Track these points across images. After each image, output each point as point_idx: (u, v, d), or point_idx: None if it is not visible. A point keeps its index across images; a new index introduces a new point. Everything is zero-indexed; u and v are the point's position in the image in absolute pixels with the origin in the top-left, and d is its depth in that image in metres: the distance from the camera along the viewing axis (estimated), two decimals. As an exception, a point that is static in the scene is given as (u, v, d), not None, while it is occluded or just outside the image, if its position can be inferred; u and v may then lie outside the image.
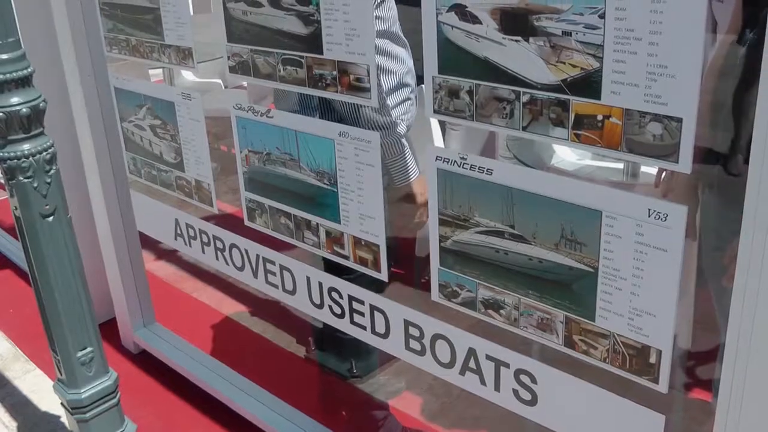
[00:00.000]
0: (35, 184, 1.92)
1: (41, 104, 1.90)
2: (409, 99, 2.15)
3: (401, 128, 2.07)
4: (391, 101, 2.06)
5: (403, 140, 2.08)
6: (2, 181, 2.05)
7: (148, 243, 2.97)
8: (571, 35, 1.29)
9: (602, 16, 1.25)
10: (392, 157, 2.07)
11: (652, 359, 1.40)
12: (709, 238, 1.95)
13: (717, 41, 2.11)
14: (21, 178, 1.90)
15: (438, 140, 2.86)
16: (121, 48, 2.39)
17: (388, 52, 2.07)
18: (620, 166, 2.81)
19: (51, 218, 1.97)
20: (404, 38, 2.14)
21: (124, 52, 2.39)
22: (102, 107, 2.63)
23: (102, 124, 2.66)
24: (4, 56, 1.83)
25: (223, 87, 4.69)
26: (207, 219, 2.43)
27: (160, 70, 4.81)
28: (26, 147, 1.89)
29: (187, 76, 4.77)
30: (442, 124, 2.94)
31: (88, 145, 2.70)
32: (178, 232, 2.52)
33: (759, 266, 1.21)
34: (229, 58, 1.95)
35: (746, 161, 1.20)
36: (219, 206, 2.36)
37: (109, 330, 3.07)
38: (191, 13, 2.02)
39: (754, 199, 1.18)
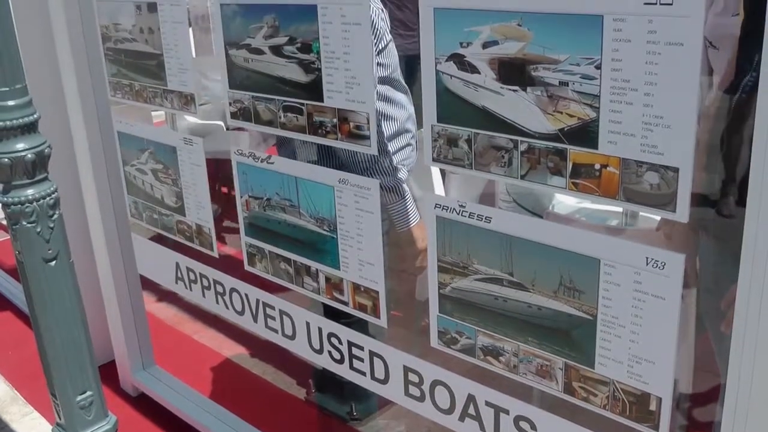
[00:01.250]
0: (38, 229, 1.93)
1: (46, 150, 1.92)
2: (409, 144, 2.17)
3: (402, 174, 2.08)
4: (391, 147, 2.08)
5: (404, 185, 2.09)
6: (3, 222, 2.06)
7: (150, 283, 2.98)
8: (567, 85, 1.31)
9: (598, 67, 1.27)
10: (393, 202, 2.08)
11: (652, 406, 1.40)
12: (707, 282, 1.95)
13: (714, 87, 2.14)
14: (24, 222, 1.91)
15: (438, 186, 2.88)
16: (124, 93, 2.42)
17: (389, 98, 2.09)
18: (619, 208, 2.83)
19: (53, 263, 1.98)
20: (405, 84, 2.16)
21: (127, 97, 2.41)
22: (105, 151, 2.65)
23: (105, 167, 2.68)
24: (11, 103, 1.85)
25: (224, 129, 4.73)
26: (208, 262, 2.44)
27: (163, 111, 4.85)
28: (30, 192, 1.90)
29: (189, 118, 4.81)
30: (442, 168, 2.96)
31: (90, 188, 2.72)
32: (179, 275, 2.52)
33: (757, 313, 1.21)
34: (230, 104, 1.97)
35: (738, 203, 1.21)
36: (219, 248, 2.37)
37: (108, 372, 3.06)
38: (193, 55, 2.05)
39: (752, 247, 1.19)
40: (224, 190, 4.26)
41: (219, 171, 3.44)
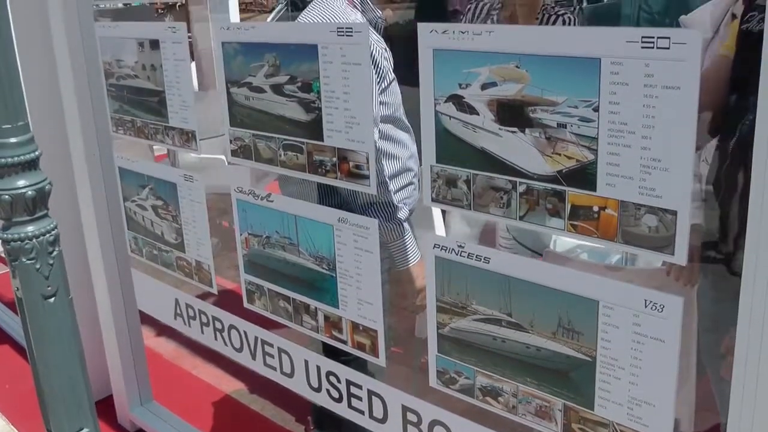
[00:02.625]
0: (38, 266, 1.92)
1: (47, 187, 1.92)
2: (411, 183, 2.17)
3: (403, 213, 2.09)
4: (393, 185, 2.09)
5: (405, 224, 2.09)
6: (2, 254, 2.06)
7: (149, 317, 2.97)
8: (566, 127, 1.32)
9: (596, 110, 1.27)
10: (393, 240, 2.08)
11: (652, 450, 1.38)
12: (706, 323, 1.95)
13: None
14: (24, 259, 1.91)
15: (438, 223, 2.88)
16: (126, 129, 2.43)
17: (392, 137, 2.10)
18: (621, 246, 2.81)
19: (52, 299, 1.97)
20: (407, 123, 2.17)
21: (129, 133, 2.43)
22: (106, 187, 2.66)
23: (105, 203, 2.68)
24: (13, 140, 1.85)
25: (226, 163, 4.74)
26: (207, 296, 2.44)
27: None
28: (30, 229, 1.90)
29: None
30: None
31: (91, 224, 2.72)
32: (178, 311, 2.52)
33: (756, 361, 1.21)
34: (231, 141, 1.98)
35: (735, 245, 1.21)
36: (219, 282, 2.36)
37: (105, 407, 3.04)
38: (196, 89, 2.07)
39: (749, 297, 1.19)
40: (225, 224, 4.27)
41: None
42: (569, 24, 2.81)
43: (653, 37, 1.19)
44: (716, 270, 1.89)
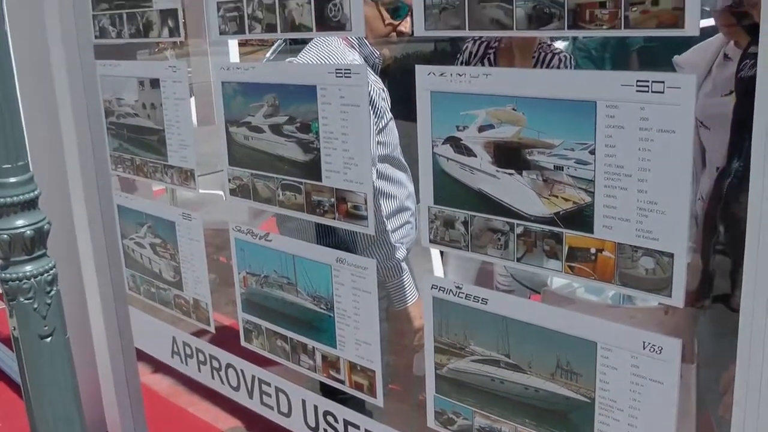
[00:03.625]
0: (35, 305, 1.92)
1: (45, 226, 1.92)
2: (409, 222, 2.18)
3: (400, 253, 2.09)
4: (390, 225, 2.10)
5: (403, 264, 2.10)
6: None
7: (146, 353, 2.95)
8: (562, 170, 1.33)
9: (593, 152, 1.28)
10: (391, 279, 2.08)
11: (652, 492, 1.38)
12: (706, 361, 1.95)
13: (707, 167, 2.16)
14: (21, 299, 1.91)
15: (437, 261, 2.89)
16: (125, 167, 2.44)
17: (389, 177, 2.11)
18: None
19: (49, 339, 1.97)
20: (404, 162, 2.18)
21: (128, 171, 2.44)
22: (104, 225, 2.66)
23: (104, 241, 2.68)
24: (13, 179, 1.86)
25: (224, 198, 4.74)
26: (205, 333, 2.43)
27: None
28: (28, 268, 1.90)
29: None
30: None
31: (89, 262, 2.72)
32: (175, 349, 2.51)
33: (756, 402, 1.21)
34: (230, 180, 1.99)
35: (732, 286, 1.22)
36: (217, 318, 2.36)
37: (100, 446, 3.02)
38: (195, 124, 2.08)
39: (747, 338, 1.19)
40: (223, 259, 4.26)
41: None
42: (565, 62, 2.84)
43: (648, 81, 1.21)
44: (715, 306, 1.89)
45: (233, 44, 5.70)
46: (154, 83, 2.22)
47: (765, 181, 1.12)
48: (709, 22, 2.10)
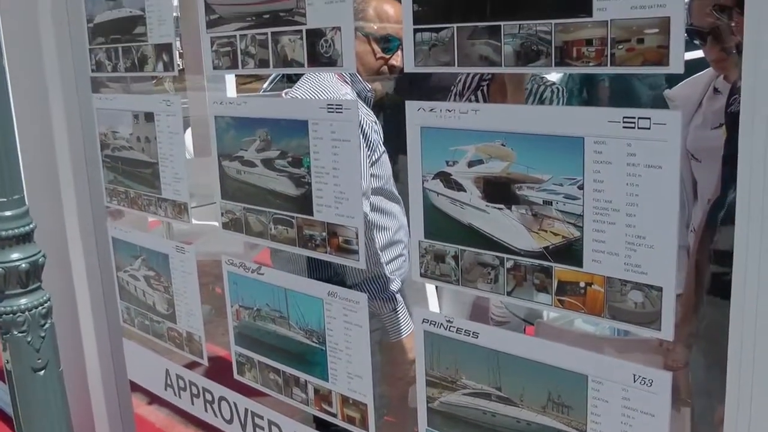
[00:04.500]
0: (29, 339, 1.93)
1: (40, 260, 1.93)
2: (402, 255, 2.19)
3: (394, 285, 2.10)
4: (384, 257, 2.10)
5: (397, 296, 2.10)
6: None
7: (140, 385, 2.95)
8: (551, 204, 1.34)
9: (581, 187, 1.30)
10: (386, 312, 2.09)
11: None
12: (699, 394, 1.95)
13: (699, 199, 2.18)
14: (15, 332, 1.92)
15: (432, 297, 2.89)
16: (120, 200, 2.45)
17: (382, 209, 2.12)
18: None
19: (42, 372, 1.97)
20: (397, 194, 2.19)
21: (123, 204, 2.45)
22: (99, 258, 2.67)
23: (99, 274, 2.69)
24: (8, 213, 1.88)
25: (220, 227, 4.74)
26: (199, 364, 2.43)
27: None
28: (23, 302, 1.91)
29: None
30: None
31: (84, 294, 2.72)
32: (168, 382, 2.50)
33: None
34: (222, 214, 2.00)
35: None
36: (212, 350, 2.36)
37: (94, 480, 3.00)
38: (191, 155, 2.10)
39: (737, 367, 1.19)
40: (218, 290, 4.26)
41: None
42: (557, 94, 2.86)
43: (634, 118, 1.22)
44: (708, 337, 1.89)
45: (230, 76, 5.72)
46: (149, 117, 2.24)
47: (751, 211, 1.13)
48: (699, 53, 2.13)
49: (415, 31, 1.46)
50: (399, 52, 2.18)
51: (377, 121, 2.13)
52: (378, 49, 2.17)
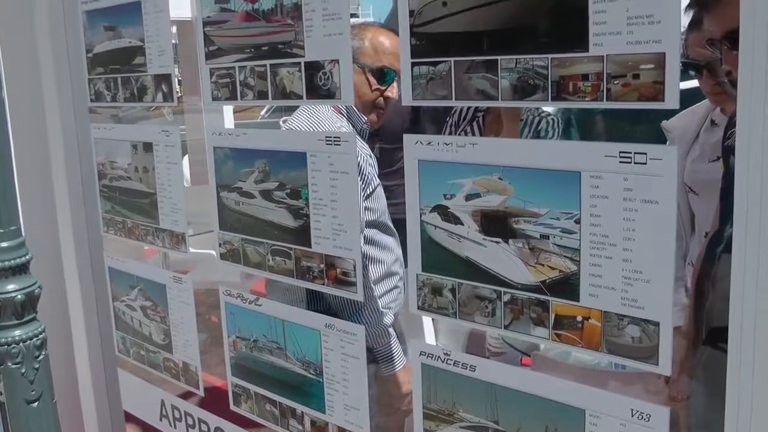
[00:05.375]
0: (23, 370, 1.92)
1: (36, 290, 1.93)
2: (396, 287, 2.19)
3: (388, 318, 2.09)
4: (378, 290, 2.10)
5: (390, 329, 2.10)
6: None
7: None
8: (548, 238, 1.34)
9: (578, 222, 1.30)
10: (380, 346, 2.08)
11: None
12: (699, 424, 1.93)
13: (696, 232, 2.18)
14: (9, 363, 1.91)
15: (428, 327, 2.88)
16: (117, 229, 2.45)
17: (377, 242, 2.12)
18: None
19: (36, 404, 1.96)
20: (393, 227, 2.20)
21: (120, 234, 2.45)
22: (96, 287, 2.66)
23: (95, 304, 2.68)
24: (4, 244, 1.88)
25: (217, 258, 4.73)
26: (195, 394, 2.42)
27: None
28: (17, 333, 1.90)
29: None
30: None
31: (79, 324, 2.71)
32: (164, 413, 2.49)
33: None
34: (220, 245, 2.00)
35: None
36: (208, 380, 2.35)
37: None
38: (188, 183, 2.10)
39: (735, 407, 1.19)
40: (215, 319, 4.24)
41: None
42: (553, 125, 2.87)
43: (630, 152, 1.23)
44: (707, 370, 1.88)
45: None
46: (147, 147, 2.24)
47: (748, 249, 1.14)
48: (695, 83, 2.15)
49: (413, 64, 1.48)
50: (394, 83, 2.19)
51: (372, 154, 2.13)
52: (374, 80, 2.18)
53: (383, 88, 2.19)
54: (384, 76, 2.18)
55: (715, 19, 1.73)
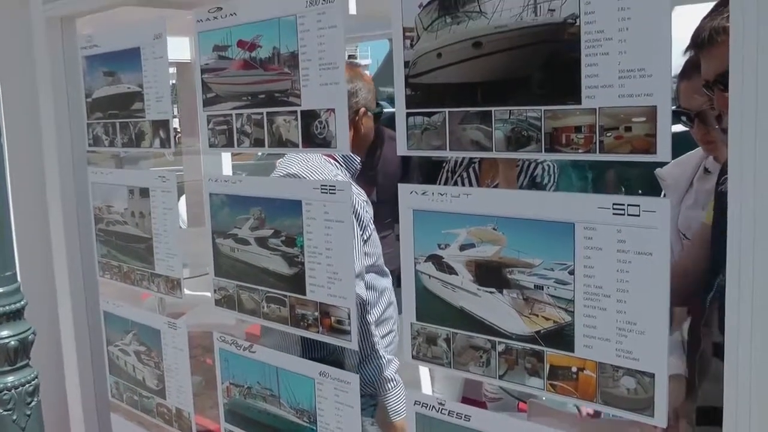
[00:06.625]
0: (14, 417, 1.90)
1: (30, 337, 1.92)
2: (392, 331, 2.18)
3: (393, 365, 2.09)
4: (378, 335, 2.10)
5: (396, 375, 2.09)
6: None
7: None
8: (543, 289, 1.34)
9: (572, 273, 1.30)
10: (384, 393, 2.08)
11: None
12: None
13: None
14: (1, 410, 1.89)
15: (424, 373, 2.87)
16: (113, 274, 2.45)
17: (374, 287, 2.13)
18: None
19: (27, 451, 1.94)
20: (387, 270, 2.20)
21: (115, 278, 2.44)
22: (90, 332, 2.66)
23: (89, 348, 2.67)
24: (0, 290, 1.87)
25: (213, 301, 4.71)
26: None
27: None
28: (10, 379, 1.89)
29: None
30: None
31: (73, 369, 2.70)
32: (157, 459, 2.47)
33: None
34: (215, 291, 2.00)
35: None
36: (202, 423, 2.32)
37: None
38: (186, 225, 2.10)
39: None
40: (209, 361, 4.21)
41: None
42: (549, 171, 2.89)
43: (623, 204, 1.24)
44: (704, 418, 1.87)
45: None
46: (144, 192, 2.25)
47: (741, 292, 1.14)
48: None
49: (408, 114, 1.49)
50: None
51: (368, 200, 2.14)
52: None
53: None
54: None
55: (709, 60, 1.74)
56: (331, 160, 2.15)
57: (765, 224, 1.10)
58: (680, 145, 2.23)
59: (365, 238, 2.06)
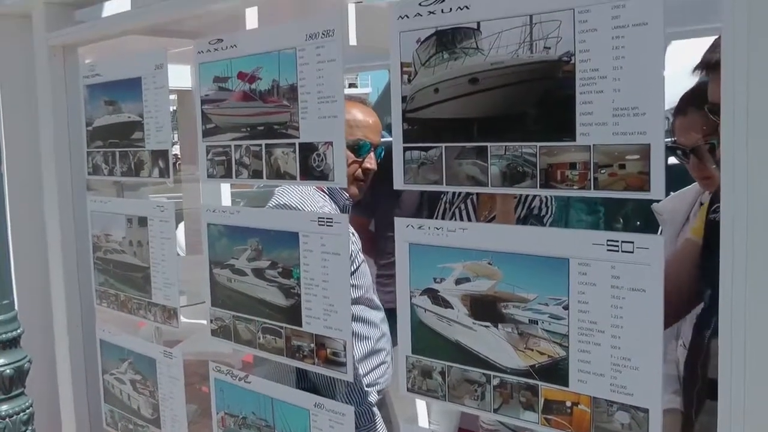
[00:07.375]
0: (8, 446, 1.90)
1: (26, 365, 1.93)
2: (384, 363, 2.18)
3: (372, 398, 2.08)
4: (362, 368, 2.09)
5: (374, 409, 2.09)
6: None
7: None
8: (537, 324, 1.35)
9: (566, 308, 1.31)
10: (364, 425, 2.07)
11: None
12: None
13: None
14: (-6, 439, 1.89)
15: (421, 405, 2.86)
16: (110, 302, 2.45)
17: (364, 319, 2.13)
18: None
19: (20, 480, 1.93)
20: (378, 302, 2.20)
21: (112, 307, 2.44)
22: (86, 359, 2.65)
23: (84, 376, 2.66)
24: (-3, 318, 1.88)
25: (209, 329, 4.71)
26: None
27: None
28: (4, 408, 1.89)
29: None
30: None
31: (68, 398, 2.69)
32: (150, 489, 2.45)
33: None
34: (211, 321, 2.00)
35: None
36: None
37: None
38: (184, 252, 2.11)
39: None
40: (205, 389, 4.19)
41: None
42: (547, 203, 2.91)
43: (617, 241, 1.25)
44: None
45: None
46: (142, 221, 2.26)
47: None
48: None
49: (405, 149, 1.50)
50: (371, 154, 2.24)
51: (354, 233, 2.15)
52: (350, 153, 2.21)
53: (360, 160, 2.23)
54: (360, 148, 2.22)
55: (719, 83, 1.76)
56: (320, 192, 2.17)
57: (758, 259, 1.11)
58: (679, 178, 2.26)
59: (352, 269, 2.06)
